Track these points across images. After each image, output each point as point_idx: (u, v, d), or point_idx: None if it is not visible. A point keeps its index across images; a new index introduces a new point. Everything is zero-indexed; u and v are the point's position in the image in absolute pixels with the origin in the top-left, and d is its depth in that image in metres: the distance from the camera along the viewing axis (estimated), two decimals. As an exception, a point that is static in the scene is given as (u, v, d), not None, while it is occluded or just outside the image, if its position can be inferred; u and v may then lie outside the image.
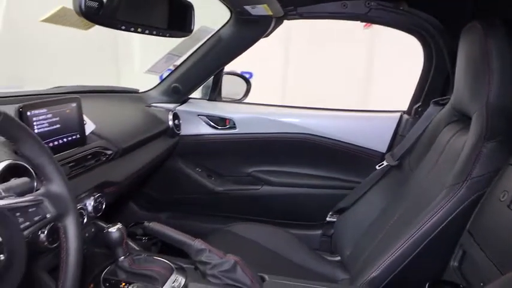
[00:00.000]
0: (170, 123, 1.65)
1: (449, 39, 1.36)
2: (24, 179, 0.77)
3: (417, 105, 1.58)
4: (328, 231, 1.70)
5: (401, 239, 1.03)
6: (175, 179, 1.83)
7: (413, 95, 1.65)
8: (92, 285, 0.96)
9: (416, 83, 1.63)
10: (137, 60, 4.08)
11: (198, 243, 1.04)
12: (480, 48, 1.02)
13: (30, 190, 0.75)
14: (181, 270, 1.01)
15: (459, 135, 1.15)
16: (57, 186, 0.71)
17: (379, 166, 1.54)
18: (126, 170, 1.26)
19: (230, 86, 1.98)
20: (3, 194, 0.68)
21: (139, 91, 1.79)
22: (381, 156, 1.62)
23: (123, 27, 0.79)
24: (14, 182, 0.75)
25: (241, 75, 1.99)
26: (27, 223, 0.64)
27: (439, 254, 1.02)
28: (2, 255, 0.54)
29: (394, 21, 1.48)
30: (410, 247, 1.01)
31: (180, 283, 0.96)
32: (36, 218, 0.66)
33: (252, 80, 5.32)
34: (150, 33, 0.84)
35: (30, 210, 0.66)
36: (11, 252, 0.56)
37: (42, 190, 0.70)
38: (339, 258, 1.52)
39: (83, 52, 3.19)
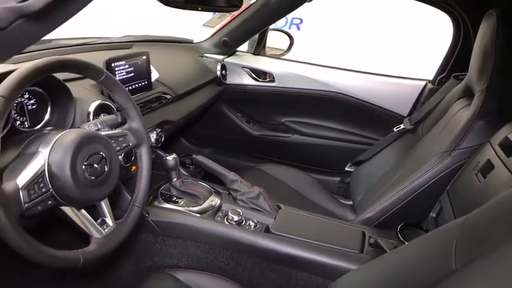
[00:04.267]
0: (218, 73, 1.88)
1: (476, 20, 1.46)
2: (112, 116, 1.06)
3: (441, 76, 1.71)
4: (346, 179, 1.94)
5: (394, 191, 1.27)
6: (219, 121, 2.09)
7: (440, 66, 1.76)
8: (151, 197, 1.29)
9: (444, 55, 1.73)
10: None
11: (232, 175, 1.34)
12: (491, 36, 1.16)
13: (115, 124, 1.04)
14: (217, 194, 1.32)
15: (464, 110, 1.31)
16: (137, 123, 1.00)
17: (396, 128, 1.72)
18: (180, 111, 1.53)
19: (275, 39, 2.17)
20: (99, 126, 0.98)
21: (194, 41, 2.03)
22: (402, 119, 1.78)
23: (189, 7, 1.01)
24: (105, 117, 1.04)
25: (285, 32, 2.15)
26: (118, 148, 0.95)
27: (422, 206, 1.26)
28: (106, 167, 0.85)
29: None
30: (399, 198, 1.25)
31: (216, 202, 1.27)
32: (123, 145, 0.96)
33: (301, 26, 5.34)
34: (207, 10, 1.06)
35: (119, 139, 0.96)
36: (111, 166, 0.86)
37: (126, 126, 1.00)
38: (351, 202, 1.75)
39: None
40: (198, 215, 1.20)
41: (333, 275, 0.98)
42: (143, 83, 1.34)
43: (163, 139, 1.38)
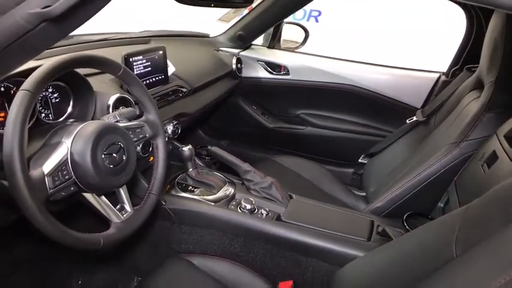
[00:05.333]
0: (234, 66, 1.92)
1: (488, 12, 1.45)
2: (130, 109, 1.12)
3: (455, 68, 1.71)
4: (359, 171, 1.96)
5: (404, 181, 1.30)
6: (235, 113, 2.14)
7: (453, 58, 1.75)
8: (168, 186, 1.35)
9: (458, 47, 1.73)
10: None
11: (245, 166, 1.38)
12: (502, 27, 1.16)
13: (133, 116, 1.10)
14: (231, 183, 1.37)
15: (474, 102, 1.32)
16: (153, 116, 1.06)
17: (409, 120, 1.73)
18: (197, 104, 1.58)
19: (291, 32, 2.19)
20: (118, 118, 1.04)
21: (210, 36, 2.08)
22: (415, 112, 1.78)
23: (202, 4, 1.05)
24: (124, 110, 1.10)
25: (300, 25, 2.16)
26: (135, 138, 1.00)
27: (430, 196, 1.28)
28: (124, 156, 0.91)
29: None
30: (409, 188, 1.28)
31: (230, 192, 1.32)
32: (140, 136, 1.02)
33: (319, 18, 5.31)
34: (219, 7, 1.10)
35: (137, 130, 1.01)
36: (128, 155, 0.92)
37: (143, 118, 1.05)
38: (364, 193, 1.78)
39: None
40: (213, 204, 1.25)
41: (341, 262, 1.02)
42: (160, 77, 1.40)
43: (179, 131, 1.44)
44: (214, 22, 2.13)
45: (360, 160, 1.95)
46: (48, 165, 0.78)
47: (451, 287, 0.66)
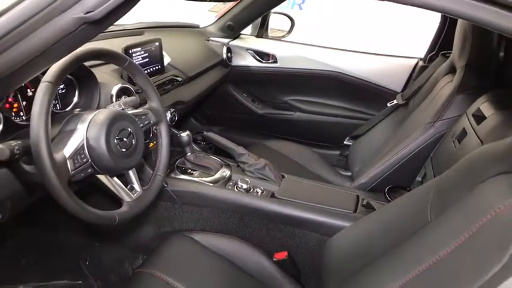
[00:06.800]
0: (224, 56, 2.01)
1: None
2: (133, 98, 1.20)
3: (431, 54, 1.83)
4: (344, 152, 2.07)
5: (385, 159, 1.42)
6: (226, 101, 2.23)
7: (430, 44, 1.87)
8: (168, 170, 1.44)
9: (434, 34, 1.84)
10: None
11: (240, 149, 1.48)
12: None
13: (135, 105, 1.18)
14: (227, 166, 1.47)
15: (448, 85, 1.44)
16: (155, 103, 1.14)
17: (389, 103, 1.85)
18: (191, 92, 1.67)
19: (277, 22, 2.28)
20: (122, 106, 1.12)
21: (200, 26, 2.15)
22: (395, 95, 1.89)
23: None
24: (127, 99, 1.18)
25: (286, 14, 2.25)
26: (141, 125, 1.09)
27: (409, 172, 1.40)
28: (133, 140, 1.00)
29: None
30: (390, 165, 1.40)
31: (226, 173, 1.42)
32: (145, 122, 1.10)
33: (303, 6, 5.39)
34: (212, 1, 1.18)
35: (142, 117, 1.10)
36: (137, 140, 1.01)
37: (147, 106, 1.14)
38: (350, 173, 1.89)
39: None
40: (211, 185, 1.35)
41: (331, 232, 1.12)
42: (157, 67, 1.48)
43: (176, 118, 1.52)
44: (206, 12, 2.20)
45: (345, 142, 2.06)
46: (68, 149, 0.86)
47: (424, 246, 0.77)
